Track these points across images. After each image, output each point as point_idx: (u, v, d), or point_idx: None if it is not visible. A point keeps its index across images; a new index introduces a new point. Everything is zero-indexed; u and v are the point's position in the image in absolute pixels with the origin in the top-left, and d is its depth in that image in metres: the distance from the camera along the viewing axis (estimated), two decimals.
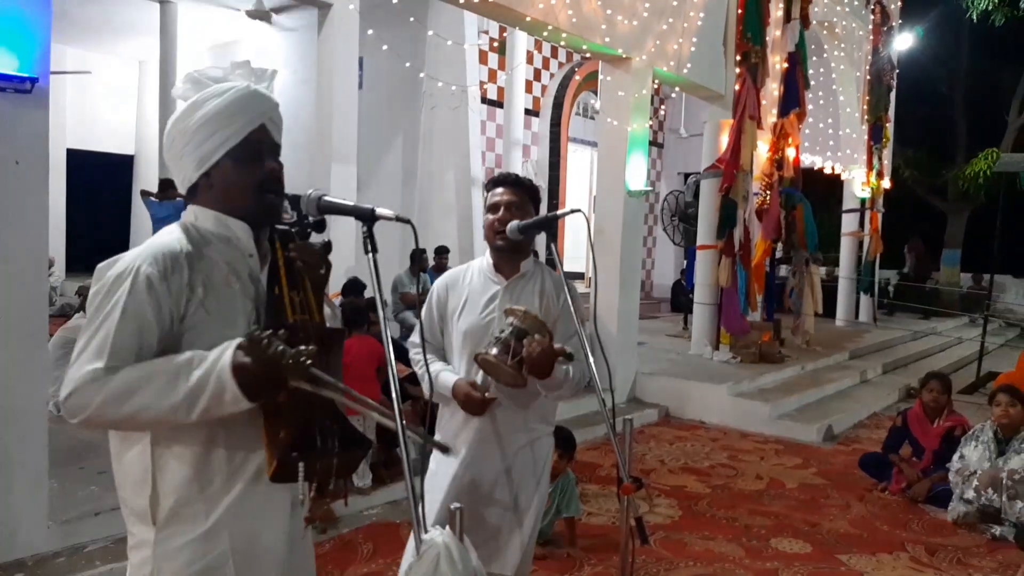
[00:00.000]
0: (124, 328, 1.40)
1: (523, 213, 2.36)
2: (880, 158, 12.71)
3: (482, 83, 10.45)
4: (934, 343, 12.13)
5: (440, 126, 10.02)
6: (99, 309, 1.43)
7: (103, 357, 1.38)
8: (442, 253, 8.97)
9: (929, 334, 12.46)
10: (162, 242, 1.51)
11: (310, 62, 7.72)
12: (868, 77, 12.24)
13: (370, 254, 1.60)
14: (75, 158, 12.06)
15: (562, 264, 2.30)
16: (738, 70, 8.27)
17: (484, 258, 2.49)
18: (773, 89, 9.03)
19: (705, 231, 8.49)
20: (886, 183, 13.30)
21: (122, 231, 12.78)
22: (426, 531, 1.52)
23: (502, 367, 2.15)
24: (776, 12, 8.90)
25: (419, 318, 2.36)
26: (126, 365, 1.40)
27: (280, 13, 9.50)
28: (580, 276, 12.46)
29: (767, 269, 9.16)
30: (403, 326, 8.23)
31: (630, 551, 2.03)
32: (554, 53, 11.92)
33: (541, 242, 2.40)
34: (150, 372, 1.39)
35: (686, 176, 14.44)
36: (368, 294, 5.99)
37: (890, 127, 13.29)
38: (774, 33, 8.91)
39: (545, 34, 6.33)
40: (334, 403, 1.51)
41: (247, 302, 1.54)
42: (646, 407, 7.20)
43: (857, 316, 13.23)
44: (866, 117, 12.25)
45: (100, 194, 12.70)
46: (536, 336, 2.14)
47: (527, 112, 11.16)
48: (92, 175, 12.53)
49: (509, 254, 2.41)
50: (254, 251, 1.58)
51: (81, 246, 12.02)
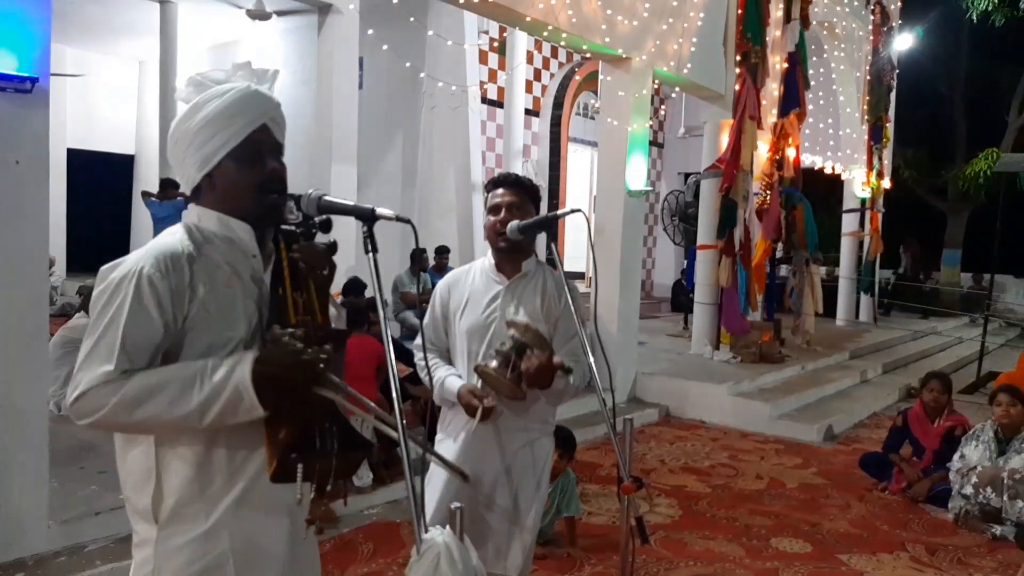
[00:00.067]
0: (130, 329, 1.41)
1: (524, 213, 2.37)
2: (880, 158, 12.71)
3: (482, 83, 10.45)
4: (934, 343, 12.12)
5: (440, 126, 10.02)
6: (104, 311, 1.44)
7: (112, 359, 1.39)
8: (442, 253, 8.98)
9: (929, 334, 12.45)
10: (164, 243, 1.51)
11: (310, 62, 7.73)
12: (868, 77, 12.24)
13: (370, 254, 1.60)
14: (75, 158, 12.07)
15: (562, 264, 2.31)
16: (738, 70, 8.27)
17: (486, 258, 2.50)
18: (773, 89, 9.03)
19: (705, 231, 8.49)
20: (886, 183, 13.30)
21: (122, 231, 12.78)
22: (426, 531, 1.52)
23: (501, 380, 2.17)
24: (776, 12, 8.90)
25: (420, 318, 2.38)
26: (135, 367, 1.41)
27: (280, 13, 9.51)
28: (580, 276, 12.46)
29: (767, 269, 9.16)
30: (403, 326, 8.23)
31: (630, 551, 2.03)
32: (554, 53, 11.91)
33: (541, 242, 2.38)
34: (163, 379, 1.40)
35: (686, 176, 14.44)
36: (368, 294, 5.99)
37: (890, 127, 13.29)
38: (774, 33, 8.91)
39: (545, 34, 6.32)
40: (335, 405, 1.51)
41: (249, 303, 1.54)
42: (646, 407, 7.20)
43: (857, 316, 13.22)
44: (866, 117, 12.25)
45: (100, 194, 12.71)
46: (536, 351, 2.16)
47: (527, 112, 11.15)
48: (92, 175, 12.53)
49: (511, 254, 2.42)
50: (257, 251, 1.58)
51: (81, 246, 12.03)
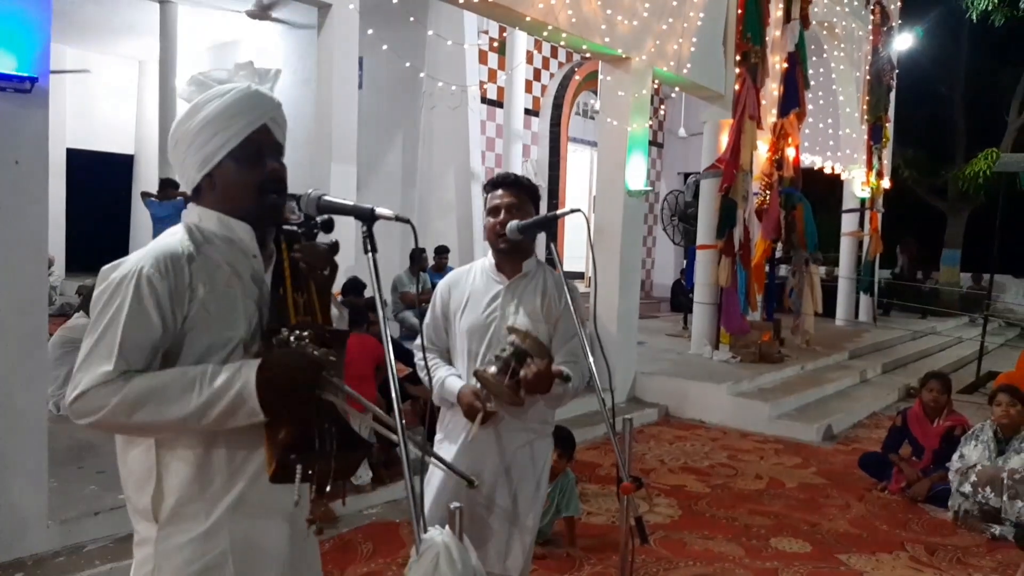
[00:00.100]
0: (130, 330, 1.42)
1: (523, 214, 2.37)
2: (880, 158, 12.71)
3: (482, 83, 10.45)
4: (934, 343, 12.13)
5: (440, 126, 10.02)
6: (104, 311, 1.44)
7: (111, 359, 1.40)
8: (442, 253, 8.97)
9: (929, 334, 12.45)
10: (164, 244, 1.52)
11: (310, 62, 7.73)
12: (868, 77, 12.24)
13: (370, 254, 1.60)
14: (75, 158, 12.07)
15: (562, 264, 2.31)
16: (738, 70, 8.27)
17: (487, 258, 2.51)
18: (773, 89, 9.03)
19: (705, 231, 8.49)
20: (886, 183, 13.29)
21: (122, 231, 12.79)
22: (425, 531, 1.52)
23: (500, 386, 2.18)
24: (776, 12, 8.90)
25: (419, 318, 2.38)
26: (134, 367, 1.41)
27: (280, 13, 9.52)
28: (580, 276, 12.46)
29: (767, 269, 9.16)
30: (403, 326, 8.23)
31: (630, 551, 2.03)
32: (554, 53, 11.91)
33: (541, 242, 2.39)
34: (163, 382, 1.40)
35: (686, 176, 14.44)
36: (368, 294, 5.99)
37: (890, 127, 13.28)
38: (774, 33, 8.91)
39: (545, 34, 6.32)
40: (334, 406, 1.51)
41: (249, 303, 1.55)
42: (646, 407, 7.20)
43: (857, 316, 13.23)
44: (866, 117, 12.25)
45: (100, 194, 12.71)
46: (535, 360, 2.16)
47: (527, 112, 11.15)
48: (92, 175, 12.54)
49: (511, 255, 2.42)
50: (257, 252, 1.58)
51: (81, 245, 12.03)
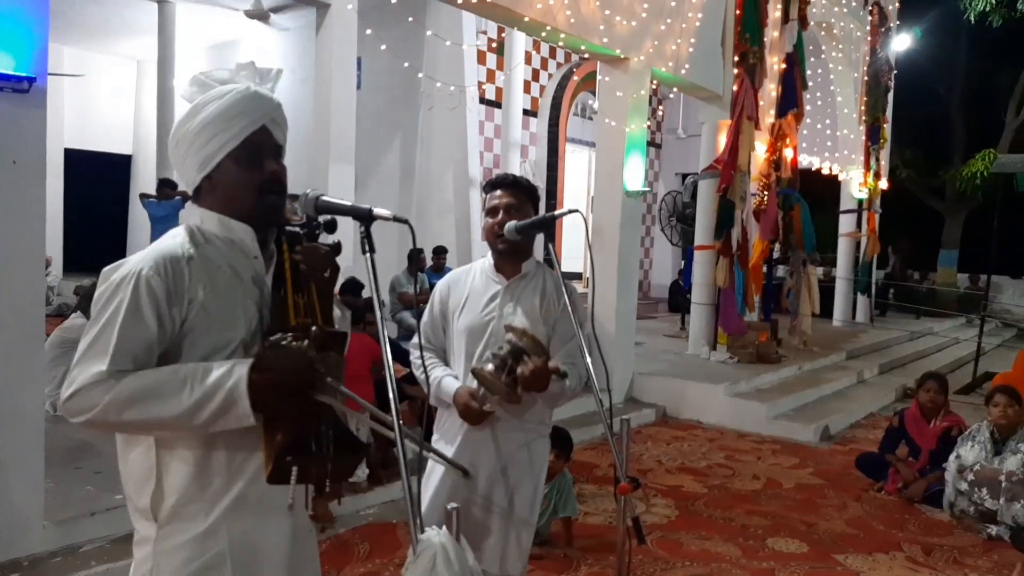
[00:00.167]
0: (126, 331, 1.42)
1: (522, 214, 2.37)
2: (878, 159, 12.73)
3: (480, 83, 10.46)
4: (931, 343, 12.14)
5: (438, 126, 10.03)
6: (102, 312, 1.45)
7: (105, 359, 1.40)
8: (440, 253, 8.98)
9: (926, 334, 12.47)
10: (165, 246, 1.53)
11: (308, 62, 7.72)
12: (866, 78, 12.25)
13: (367, 254, 1.60)
14: (73, 158, 12.05)
15: (560, 264, 2.31)
16: (736, 71, 8.27)
17: (486, 259, 2.51)
18: (771, 90, 9.04)
19: (703, 231, 8.50)
20: (883, 184, 13.31)
21: (120, 231, 12.78)
22: (422, 531, 1.52)
23: (497, 384, 2.17)
24: (774, 13, 8.91)
25: (417, 318, 2.37)
26: (128, 368, 1.42)
27: (278, 13, 9.51)
28: (578, 276, 12.46)
29: (764, 269, 9.17)
30: (400, 326, 8.24)
31: (627, 551, 2.04)
32: (552, 53, 11.92)
33: (539, 242, 2.39)
34: (155, 381, 1.41)
35: (684, 176, 14.46)
36: (366, 294, 5.99)
37: (888, 128, 13.30)
38: (772, 34, 8.92)
39: (543, 34, 6.32)
40: (332, 408, 1.52)
41: (249, 304, 1.55)
42: (643, 407, 7.20)
43: (854, 317, 13.25)
44: (864, 118, 12.26)
45: (98, 194, 12.70)
46: (533, 357, 2.16)
47: (525, 112, 11.16)
48: (90, 175, 12.53)
49: (510, 255, 2.42)
50: (258, 252, 1.59)
51: (78, 245, 12.02)
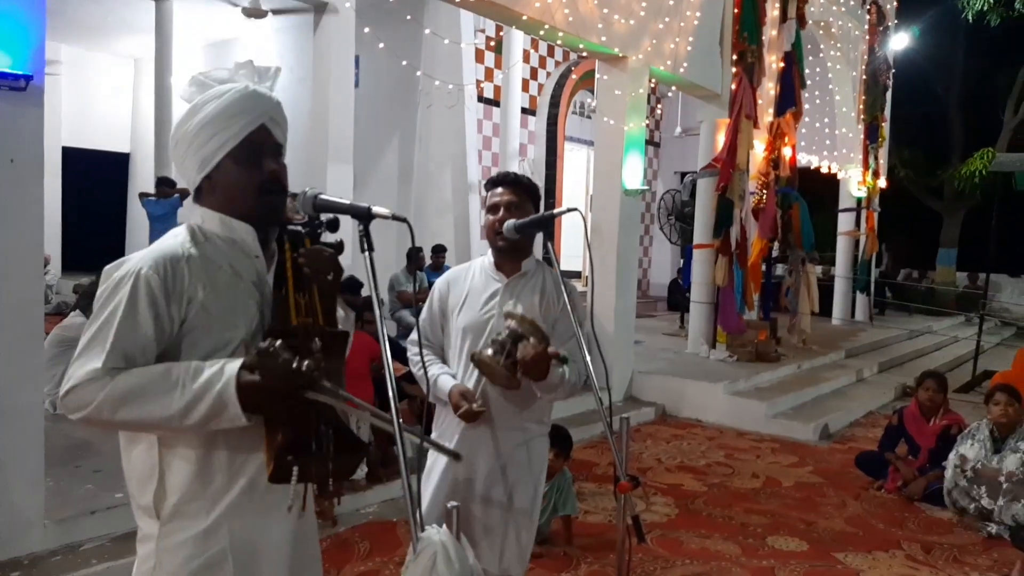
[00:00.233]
0: (123, 329, 1.43)
1: (522, 213, 2.36)
2: (876, 157, 12.73)
3: (479, 82, 10.45)
4: (930, 342, 12.15)
5: (437, 125, 10.02)
6: (101, 310, 1.46)
7: (100, 357, 1.41)
8: (439, 252, 8.97)
9: (925, 333, 12.48)
10: (166, 245, 1.53)
11: (306, 60, 7.71)
12: (864, 77, 12.26)
13: (366, 253, 1.60)
14: (71, 156, 12.04)
15: (559, 263, 2.30)
16: (734, 69, 8.27)
17: (486, 257, 2.50)
18: (769, 88, 9.04)
19: (701, 230, 8.50)
20: (882, 182, 13.32)
21: (118, 229, 12.77)
22: (423, 530, 1.52)
23: (496, 368, 2.15)
24: (772, 12, 8.91)
25: (416, 317, 2.36)
26: (124, 366, 1.42)
27: (276, 11, 9.50)
28: (577, 275, 12.46)
29: (763, 268, 9.18)
30: (399, 325, 8.23)
31: (627, 549, 2.04)
32: (551, 52, 11.91)
33: (538, 241, 2.40)
34: (147, 380, 1.41)
35: (682, 175, 14.47)
36: (365, 292, 5.98)
37: (886, 127, 13.31)
38: (770, 32, 8.92)
39: (542, 33, 6.32)
40: (333, 408, 1.52)
41: (250, 304, 1.55)
42: (643, 406, 7.20)
43: (853, 315, 13.25)
44: (862, 116, 12.27)
45: (96, 192, 12.69)
46: (532, 340, 2.15)
47: (524, 111, 11.15)
48: (88, 173, 12.51)
49: (510, 253, 2.42)
50: (259, 252, 1.59)
51: (77, 244, 12.02)
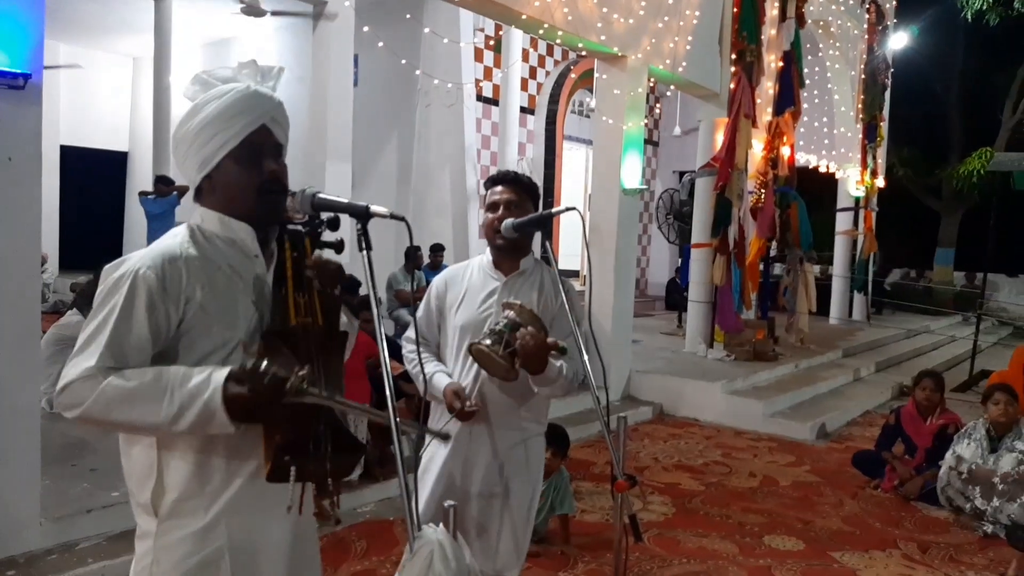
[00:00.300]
0: (119, 329, 1.43)
1: (522, 211, 2.36)
2: (874, 157, 12.73)
3: (478, 81, 10.44)
4: (927, 341, 12.17)
5: (435, 124, 10.01)
6: (99, 309, 1.47)
7: (95, 356, 1.42)
8: (437, 251, 8.96)
9: (922, 332, 12.49)
10: (165, 245, 1.54)
11: (305, 59, 7.69)
12: (863, 76, 12.26)
13: (364, 251, 1.60)
14: (69, 155, 12.03)
15: (557, 262, 2.30)
16: (733, 68, 8.27)
17: (484, 255, 2.50)
18: (768, 88, 9.04)
19: (700, 229, 8.51)
20: (880, 182, 13.32)
21: (116, 228, 12.76)
22: (419, 529, 1.52)
23: (494, 358, 2.13)
24: (772, 11, 8.91)
25: (414, 316, 2.36)
26: (118, 365, 1.43)
27: (275, 10, 9.48)
28: (575, 274, 12.46)
29: (761, 267, 9.18)
30: (397, 324, 8.23)
31: (624, 548, 2.04)
32: (550, 51, 11.90)
33: (537, 240, 2.40)
34: (137, 386, 1.40)
35: (681, 174, 14.46)
36: (362, 291, 5.98)
37: (884, 126, 13.30)
38: (769, 32, 8.92)
39: (541, 32, 6.32)
40: (331, 409, 1.52)
41: (249, 304, 1.56)
42: (640, 405, 7.21)
43: (851, 315, 13.26)
44: (861, 116, 12.27)
45: (94, 191, 12.68)
46: (530, 329, 2.13)
47: (522, 110, 11.14)
48: (86, 172, 12.50)
49: (508, 252, 2.41)
50: (259, 252, 1.59)
51: (74, 243, 12.01)
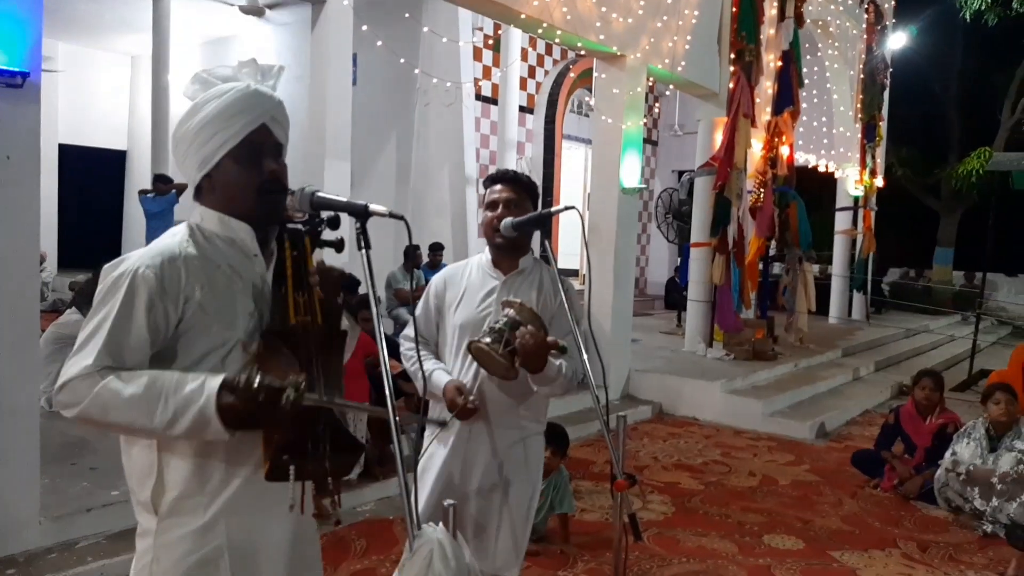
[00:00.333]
0: (117, 328, 1.44)
1: (521, 210, 2.36)
2: (873, 156, 12.74)
3: (476, 80, 10.44)
4: (926, 341, 12.18)
5: (434, 123, 10.00)
6: (98, 308, 1.47)
7: (92, 355, 1.42)
8: (436, 250, 8.96)
9: (921, 332, 12.50)
10: (164, 245, 1.54)
11: (304, 58, 7.68)
12: (862, 76, 12.26)
13: (363, 250, 1.60)
14: (67, 153, 12.00)
15: (556, 261, 2.29)
16: (732, 68, 8.28)
17: (483, 254, 2.49)
18: (767, 87, 9.04)
19: (699, 229, 8.51)
20: (879, 182, 13.33)
21: (114, 226, 12.73)
22: (419, 528, 1.52)
23: (494, 356, 2.12)
24: (770, 10, 8.91)
25: (413, 315, 2.35)
26: (118, 364, 1.43)
27: (273, 9, 9.48)
28: (574, 273, 12.47)
29: (760, 267, 9.18)
30: (396, 323, 8.22)
31: (623, 547, 2.04)
32: (549, 50, 11.90)
33: (536, 239, 2.40)
34: (134, 392, 1.40)
35: (680, 174, 14.44)
36: (362, 290, 5.97)
37: (883, 126, 13.31)
38: (768, 31, 8.92)
39: (540, 31, 6.31)
40: (330, 409, 1.52)
41: (248, 303, 1.56)
42: (640, 404, 7.21)
43: (850, 314, 13.27)
44: (860, 116, 12.27)
45: (92, 189, 12.65)
46: (531, 328, 2.12)
47: (521, 109, 11.14)
48: (84, 170, 12.47)
49: (507, 251, 2.41)
50: (258, 251, 1.59)
51: (73, 241, 11.99)
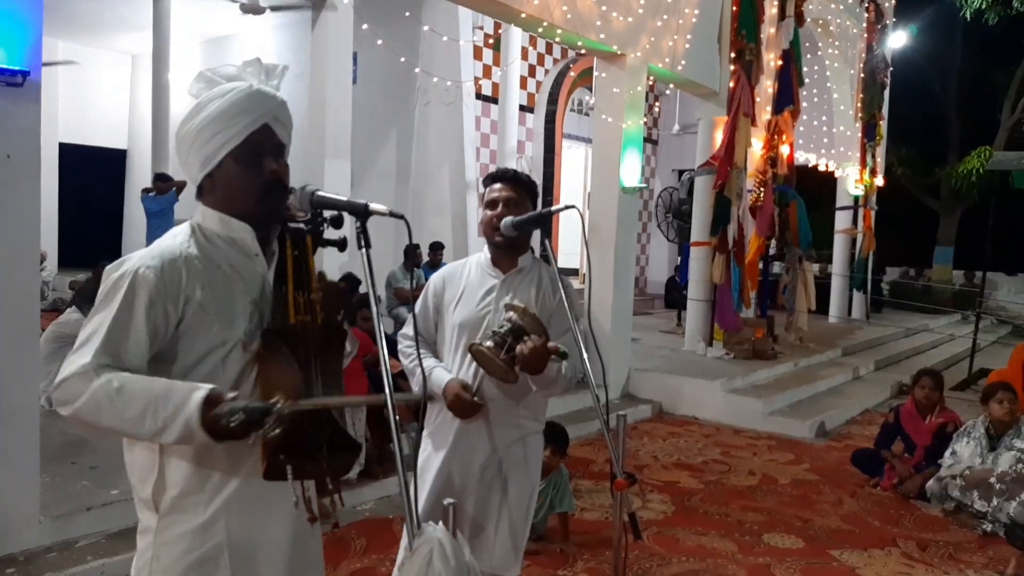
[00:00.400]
0: (116, 328, 1.44)
1: (521, 209, 2.35)
2: (874, 156, 12.73)
3: (477, 79, 10.43)
4: (926, 340, 12.18)
5: (434, 122, 10.00)
6: (98, 308, 1.48)
7: (90, 354, 1.43)
8: (436, 249, 8.96)
9: (921, 331, 12.50)
10: (165, 245, 1.54)
11: (304, 57, 7.68)
12: (862, 75, 12.26)
13: (363, 250, 1.60)
14: (68, 152, 12.01)
15: (556, 260, 2.29)
16: (732, 67, 8.27)
17: (483, 253, 2.49)
18: (767, 86, 9.04)
19: (699, 228, 8.51)
20: (879, 181, 13.32)
21: (115, 225, 12.74)
22: (419, 527, 1.52)
23: (495, 360, 2.14)
24: (771, 9, 8.91)
25: (413, 314, 2.35)
26: (116, 364, 1.43)
27: (274, 8, 9.47)
28: (574, 272, 12.47)
29: (760, 266, 9.18)
30: (396, 322, 8.22)
31: (623, 546, 2.04)
32: (549, 49, 11.89)
33: (536, 238, 2.41)
34: (125, 399, 1.40)
35: (680, 173, 14.45)
36: (362, 289, 5.97)
37: (884, 125, 13.30)
38: (768, 30, 8.92)
39: (540, 30, 6.31)
40: (329, 409, 1.52)
41: (249, 303, 1.56)
42: (639, 403, 7.21)
43: (850, 313, 13.27)
44: (860, 115, 12.27)
45: (93, 188, 12.65)
46: (532, 336, 2.13)
47: (522, 108, 11.14)
48: (85, 169, 12.47)
49: (507, 249, 2.41)
50: (259, 251, 1.60)
51: (73, 240, 12.00)
